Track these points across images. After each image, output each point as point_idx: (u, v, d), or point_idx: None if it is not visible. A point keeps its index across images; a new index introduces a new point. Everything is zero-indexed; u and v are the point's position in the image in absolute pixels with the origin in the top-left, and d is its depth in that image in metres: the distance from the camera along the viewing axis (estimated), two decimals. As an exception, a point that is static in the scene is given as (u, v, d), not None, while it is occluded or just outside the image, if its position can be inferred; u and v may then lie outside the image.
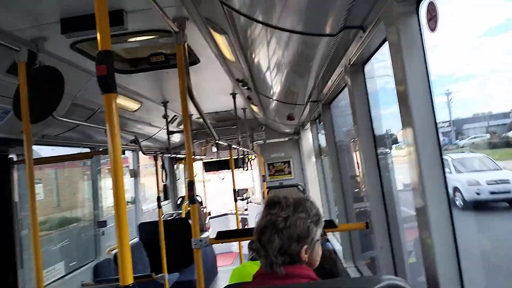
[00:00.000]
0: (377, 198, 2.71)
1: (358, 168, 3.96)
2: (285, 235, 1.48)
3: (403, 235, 2.68)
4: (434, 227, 1.70)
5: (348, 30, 2.00)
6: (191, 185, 2.65)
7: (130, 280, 1.40)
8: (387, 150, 3.21)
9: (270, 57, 2.80)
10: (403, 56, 1.58)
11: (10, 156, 3.96)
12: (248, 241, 2.95)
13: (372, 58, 2.45)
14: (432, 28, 1.46)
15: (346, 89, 2.97)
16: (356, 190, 4.24)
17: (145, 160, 8.37)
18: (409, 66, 1.59)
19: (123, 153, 6.07)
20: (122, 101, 4.55)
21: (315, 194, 8.05)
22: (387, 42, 1.77)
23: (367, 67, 2.63)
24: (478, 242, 3.23)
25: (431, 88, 1.67)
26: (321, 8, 1.78)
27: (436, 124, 1.71)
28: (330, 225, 2.76)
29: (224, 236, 2.79)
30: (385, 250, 2.69)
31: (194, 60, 3.55)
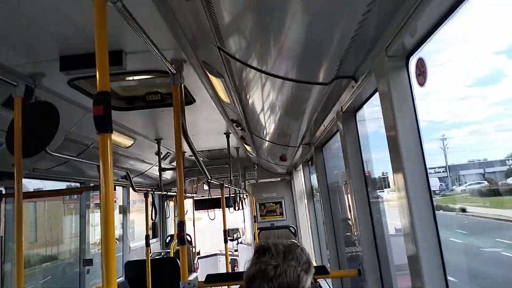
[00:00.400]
0: (369, 243, 2.69)
1: (350, 211, 3.95)
2: (275, 284, 1.45)
3: (396, 282, 2.64)
4: (426, 275, 1.68)
5: (340, 79, 2.06)
6: (181, 225, 2.61)
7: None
8: (379, 193, 3.22)
9: (264, 100, 2.86)
10: (393, 107, 1.63)
11: (-1, 189, 3.91)
12: (238, 286, 2.88)
13: (364, 106, 2.51)
14: (421, 83, 1.52)
15: (338, 134, 3.02)
16: (348, 233, 4.21)
17: (133, 196, 8.27)
18: (399, 116, 1.63)
19: (114, 189, 6.01)
20: (116, 137, 4.56)
21: (306, 236, 7.95)
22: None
23: (360, 112, 2.69)
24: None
25: (421, 136, 1.71)
26: (315, 58, 1.85)
27: (426, 170, 1.74)
28: (321, 271, 2.72)
29: (213, 279, 2.72)
30: (377, 299, 2.64)
31: (189, 100, 3.60)
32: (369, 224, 2.66)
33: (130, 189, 6.82)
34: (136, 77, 3.07)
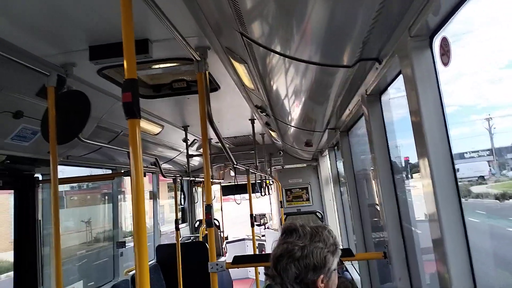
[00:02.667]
0: (395, 227, 2.68)
1: (377, 197, 3.93)
2: (301, 264, 1.48)
3: (422, 265, 2.63)
4: (451, 260, 1.67)
5: (364, 62, 2.04)
6: (208, 209, 2.68)
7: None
8: (405, 179, 3.19)
9: (288, 85, 2.86)
10: (417, 89, 1.61)
11: (36, 175, 4.11)
12: (265, 267, 2.94)
13: (388, 89, 2.48)
14: (445, 63, 1.49)
15: (363, 118, 2.99)
16: (375, 219, 4.19)
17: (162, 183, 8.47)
18: (423, 99, 1.61)
19: (144, 175, 6.18)
20: (144, 124, 4.68)
21: (333, 221, 7.95)
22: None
23: (386, 97, 2.66)
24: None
25: (446, 120, 1.69)
26: (338, 40, 1.84)
27: (451, 155, 1.71)
28: (347, 254, 2.74)
29: (240, 260, 2.79)
30: (403, 281, 2.63)
31: (214, 87, 3.65)
32: (394, 208, 2.65)
33: (160, 175, 7.01)
34: (162, 65, 3.13)
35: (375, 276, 3.99)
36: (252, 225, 5.69)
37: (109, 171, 5.33)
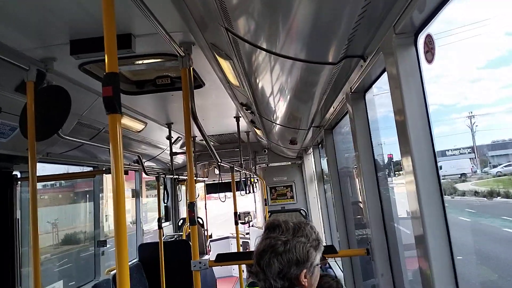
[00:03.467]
0: (377, 224, 2.70)
1: (361, 194, 3.96)
2: (284, 259, 1.47)
3: (404, 262, 2.65)
4: (433, 256, 1.69)
5: (349, 59, 2.05)
6: (191, 207, 2.65)
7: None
8: (388, 176, 3.21)
9: (273, 82, 2.85)
10: (401, 86, 1.61)
11: (14, 172, 4.00)
12: (247, 265, 2.93)
13: (373, 86, 2.49)
14: (429, 60, 1.50)
15: (348, 116, 3.00)
16: (359, 216, 4.22)
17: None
18: (407, 96, 1.62)
19: (126, 173, 6.09)
20: (127, 121, 4.61)
21: (317, 219, 7.99)
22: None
23: (371, 95, 2.68)
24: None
25: (430, 118, 1.70)
26: (323, 37, 1.83)
27: (434, 153, 1.73)
28: (330, 250, 2.75)
29: (223, 258, 2.77)
30: (385, 278, 2.66)
31: (199, 83, 3.61)
32: (378, 205, 2.67)
33: (143, 173, 6.93)
34: (145, 61, 3.08)
35: (358, 273, 4.03)
36: (236, 223, 5.67)
37: (91, 169, 5.24)
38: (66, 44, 2.59)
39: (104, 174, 5.01)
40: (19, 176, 4.05)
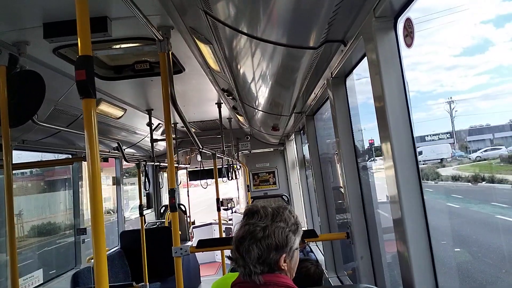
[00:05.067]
0: (357, 209, 2.74)
1: (341, 180, 4.00)
2: (263, 245, 1.48)
3: (383, 245, 2.71)
4: (411, 239, 1.72)
5: (330, 43, 2.04)
6: (172, 193, 2.63)
7: (105, 287, 1.38)
8: (368, 162, 3.25)
9: (254, 68, 2.83)
10: (381, 70, 1.62)
11: (-12, 161, 3.88)
12: (230, 251, 2.93)
13: (353, 72, 2.50)
14: (409, 44, 1.50)
15: (328, 101, 3.01)
16: (340, 201, 4.28)
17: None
18: (387, 80, 1.63)
19: (106, 160, 6.00)
20: (106, 107, 4.51)
21: (299, 204, 8.08)
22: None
23: (351, 82, 2.69)
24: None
25: (409, 102, 1.71)
26: (304, 21, 1.81)
27: (413, 138, 1.75)
28: (311, 234, 2.77)
29: (205, 244, 2.77)
30: (365, 260, 2.71)
31: (179, 69, 3.55)
32: (357, 190, 2.70)
33: (124, 161, 6.84)
34: (123, 45, 3.00)
35: (339, 256, 4.10)
36: (219, 209, 5.68)
37: (69, 156, 5.14)
38: (39, 27, 2.49)
39: (83, 162, 4.92)
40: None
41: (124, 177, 9.00)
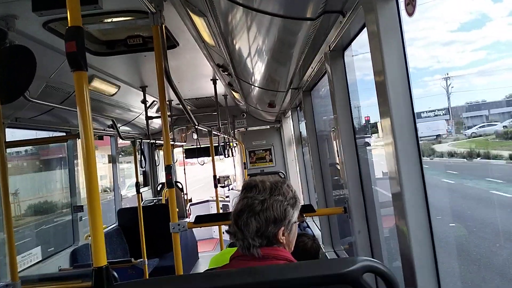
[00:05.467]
0: (355, 184, 2.74)
1: (338, 156, 4.00)
2: (262, 218, 1.48)
3: (380, 220, 2.72)
4: (409, 213, 1.72)
5: (328, 14, 1.98)
6: (168, 169, 2.61)
7: (103, 262, 1.37)
8: (366, 138, 3.23)
9: (251, 42, 2.76)
10: (381, 41, 1.57)
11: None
12: (228, 225, 2.94)
13: (352, 44, 2.44)
14: (410, 13, 1.45)
15: (326, 77, 2.96)
16: (336, 177, 4.28)
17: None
18: (387, 51, 1.58)
19: (101, 138, 5.95)
20: (99, 84, 4.43)
21: (296, 181, 8.11)
22: (366, 28, 1.76)
23: (349, 58, 2.63)
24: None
25: (409, 76, 1.67)
26: (301, -9, 1.75)
27: (414, 113, 1.72)
28: (308, 209, 2.78)
29: (202, 220, 2.77)
30: (362, 235, 2.73)
31: (172, 43, 3.47)
32: (355, 164, 2.69)
33: (119, 138, 6.80)
34: (115, 19, 2.91)
35: (335, 231, 4.14)
36: (215, 186, 5.70)
37: (64, 134, 5.08)
38: (27, 0, 2.41)
39: (77, 140, 4.87)
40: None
41: (120, 155, 8.98)
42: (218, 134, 6.58)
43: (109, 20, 2.87)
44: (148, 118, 5.70)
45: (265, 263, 1.46)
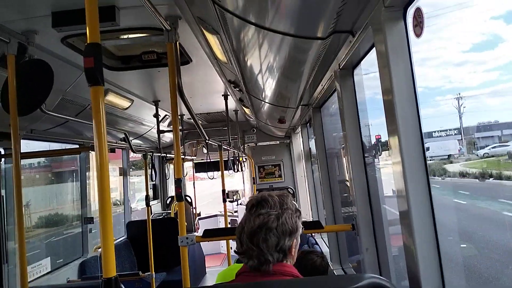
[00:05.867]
0: (363, 201, 2.74)
1: (347, 173, 4.00)
2: (279, 232, 1.51)
3: (389, 238, 2.71)
4: (417, 232, 1.72)
5: (338, 34, 2.02)
6: (178, 183, 2.64)
7: (113, 273, 1.40)
8: (375, 155, 3.24)
9: (262, 60, 2.81)
10: (389, 61, 1.60)
11: (-2, 149, 3.93)
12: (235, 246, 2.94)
13: (361, 63, 2.48)
14: (418, 34, 1.48)
15: (336, 94, 2.99)
16: (345, 194, 4.27)
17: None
18: (395, 70, 1.61)
19: (113, 151, 6.04)
20: (113, 98, 4.53)
21: (304, 197, 8.08)
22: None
23: (359, 77, 2.67)
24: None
25: (417, 94, 1.69)
26: (312, 12, 1.80)
27: (421, 132, 1.74)
28: (316, 226, 2.78)
29: (210, 234, 2.79)
30: (370, 252, 2.71)
31: (186, 59, 3.55)
32: (364, 182, 2.69)
33: (130, 152, 6.88)
34: (131, 35, 3.00)
35: (344, 249, 4.10)
36: (224, 201, 5.71)
37: (77, 146, 5.17)
38: (48, 16, 2.50)
39: (90, 152, 4.95)
40: (2, 152, 3.98)
41: (131, 169, 9.06)
42: (228, 148, 6.63)
43: (125, 36, 2.96)
44: (159, 132, 5.77)
45: (271, 278, 1.47)
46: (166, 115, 6.32)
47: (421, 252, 1.70)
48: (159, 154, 6.01)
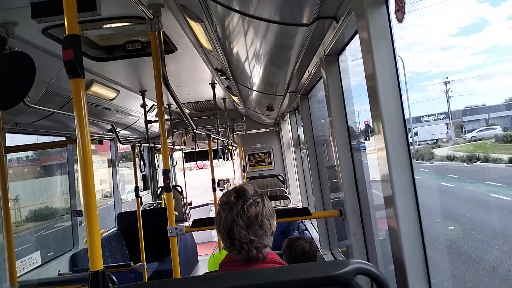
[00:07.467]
0: (350, 187, 2.76)
1: (334, 158, 4.02)
2: (269, 216, 1.57)
3: (376, 222, 2.75)
4: (401, 216, 1.75)
5: (322, 20, 2.01)
6: (166, 173, 2.64)
7: (99, 266, 1.40)
8: (361, 141, 3.26)
9: (248, 47, 2.79)
10: (372, 46, 1.60)
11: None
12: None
13: (346, 49, 2.47)
14: (400, 19, 1.49)
15: (322, 81, 3.00)
16: (334, 180, 4.30)
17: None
18: (378, 57, 1.61)
19: (101, 142, 5.99)
20: (98, 89, 4.47)
21: (294, 183, 8.14)
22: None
23: (344, 64, 2.67)
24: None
25: (399, 81, 1.70)
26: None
27: (404, 117, 1.75)
28: (305, 212, 2.80)
29: (200, 224, 2.80)
30: (357, 237, 2.75)
31: (171, 48, 3.51)
32: (350, 169, 2.72)
33: (118, 143, 6.82)
34: (113, 25, 2.95)
35: (333, 234, 4.15)
36: (214, 190, 5.73)
37: (63, 139, 5.12)
38: (27, 7, 2.44)
39: (76, 144, 4.90)
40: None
41: (120, 161, 9.00)
42: (217, 137, 6.62)
43: (108, 25, 2.91)
44: (147, 122, 5.73)
45: (256, 266, 1.49)
46: (153, 105, 6.27)
47: (405, 235, 1.73)
48: (148, 144, 5.97)
